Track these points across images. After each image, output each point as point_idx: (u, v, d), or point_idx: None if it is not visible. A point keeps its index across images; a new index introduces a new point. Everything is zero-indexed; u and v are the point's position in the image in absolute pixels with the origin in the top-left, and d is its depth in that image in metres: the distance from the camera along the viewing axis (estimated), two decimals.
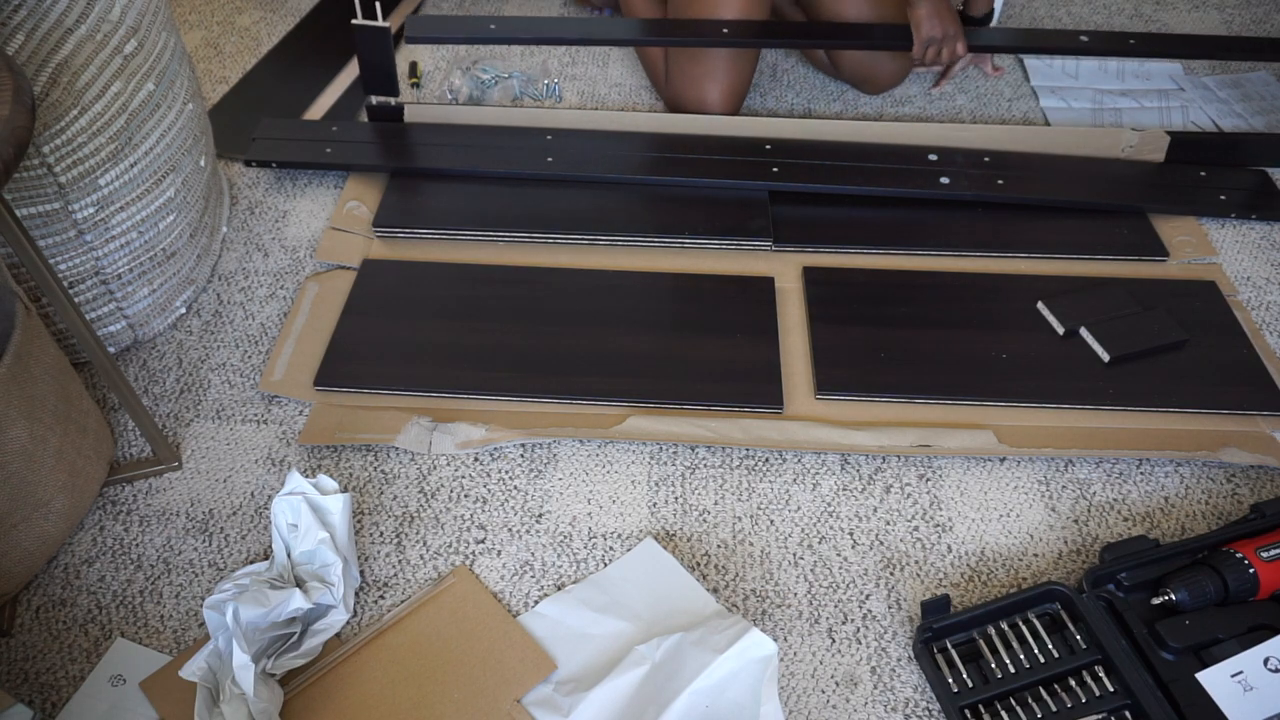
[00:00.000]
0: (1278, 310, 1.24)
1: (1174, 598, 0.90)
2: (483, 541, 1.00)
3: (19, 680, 0.89)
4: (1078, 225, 1.32)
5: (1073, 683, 0.87)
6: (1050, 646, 0.89)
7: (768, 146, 1.42)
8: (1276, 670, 0.85)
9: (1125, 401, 1.10)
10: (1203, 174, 1.41)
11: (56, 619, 0.93)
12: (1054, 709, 0.85)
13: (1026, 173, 1.39)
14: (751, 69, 1.50)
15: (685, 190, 1.38)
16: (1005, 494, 1.04)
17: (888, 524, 1.01)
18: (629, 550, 0.99)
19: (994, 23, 1.80)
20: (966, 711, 0.86)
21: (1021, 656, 0.89)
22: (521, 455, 1.07)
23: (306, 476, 0.93)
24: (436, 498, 1.03)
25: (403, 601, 0.94)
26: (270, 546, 0.97)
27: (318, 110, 1.56)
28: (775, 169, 1.38)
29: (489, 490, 1.04)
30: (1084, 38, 1.44)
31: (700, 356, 1.15)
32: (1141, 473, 1.06)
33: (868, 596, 0.95)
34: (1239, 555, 0.91)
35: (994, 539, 1.00)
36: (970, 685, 0.87)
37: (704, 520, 1.02)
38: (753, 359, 1.15)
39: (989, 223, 1.33)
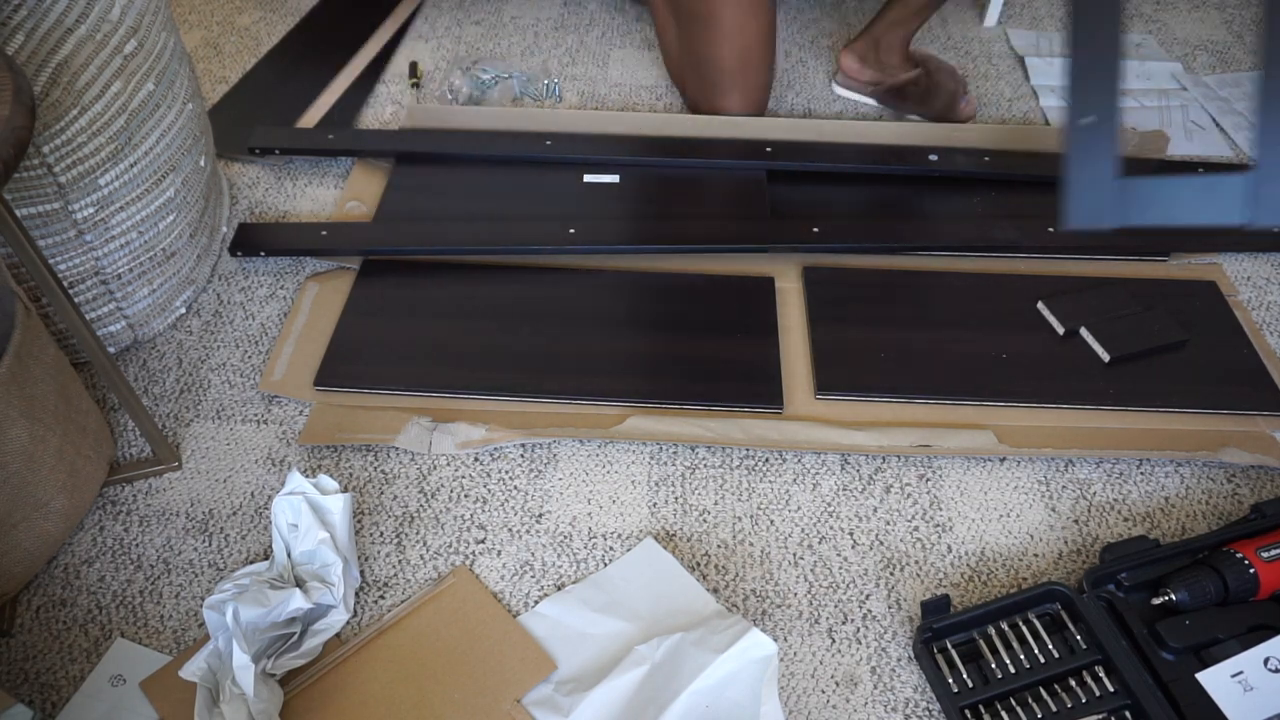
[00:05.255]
0: (1278, 310, 1.24)
1: (1174, 598, 0.90)
2: (483, 541, 1.00)
3: (19, 680, 0.89)
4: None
5: (1073, 683, 0.87)
6: (1050, 647, 0.89)
7: (768, 149, 1.42)
8: (1276, 670, 0.85)
9: (1125, 401, 1.10)
10: (1201, 170, 1.41)
11: (56, 619, 0.93)
12: (1054, 709, 0.85)
13: (1027, 173, 1.39)
14: (768, 71, 1.49)
15: (684, 190, 1.38)
16: (1005, 494, 1.04)
17: (888, 524, 1.01)
18: (629, 550, 0.99)
19: (994, 23, 1.80)
20: (966, 711, 0.86)
21: (1021, 657, 0.89)
22: (521, 455, 1.07)
23: (307, 476, 0.93)
24: (436, 498, 1.03)
25: (403, 601, 0.94)
26: (270, 546, 0.97)
27: (318, 110, 1.56)
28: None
29: (489, 490, 1.04)
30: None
31: (700, 356, 1.15)
32: (1141, 473, 1.06)
33: (868, 596, 0.95)
34: (1239, 555, 0.91)
35: (994, 539, 1.00)
36: (970, 685, 0.87)
37: (704, 520, 1.02)
38: (753, 359, 1.15)
39: (989, 222, 1.33)
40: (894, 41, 1.53)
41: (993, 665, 0.88)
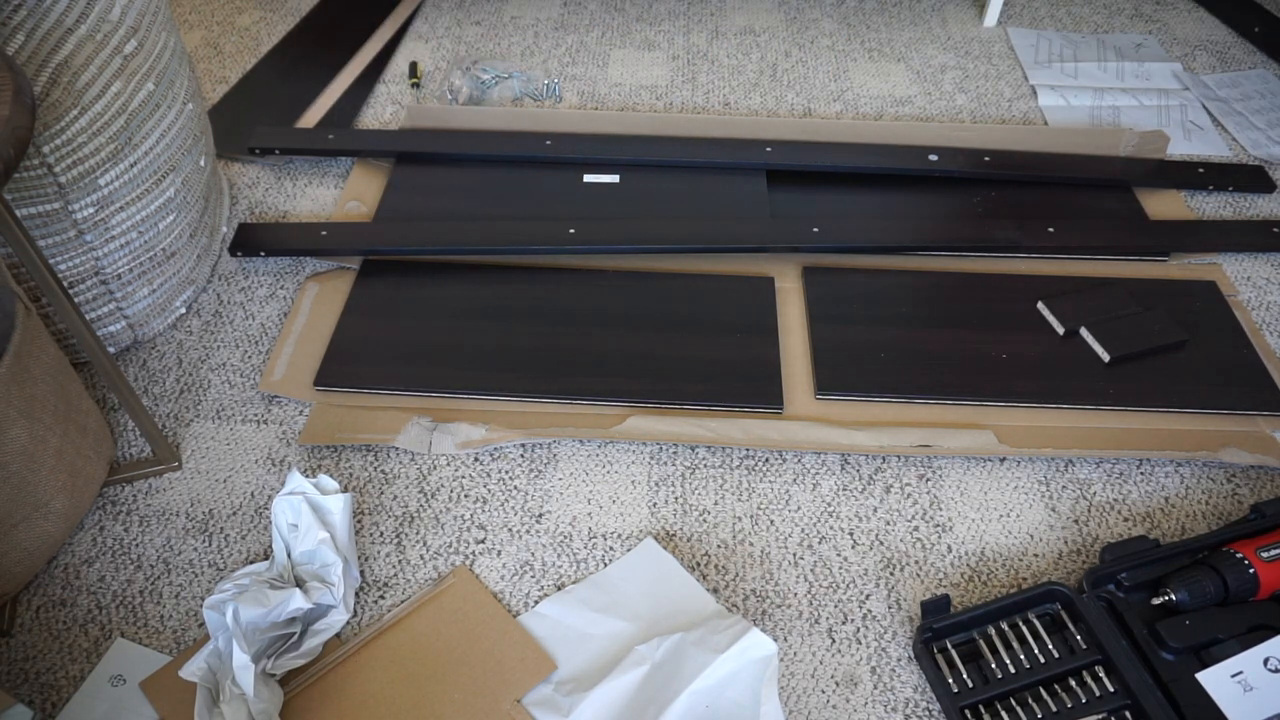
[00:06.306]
0: (1278, 310, 1.24)
1: (1174, 598, 0.90)
2: (483, 541, 1.00)
3: (19, 680, 0.89)
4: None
5: (1073, 683, 0.87)
6: (1050, 647, 0.89)
7: (768, 149, 1.42)
8: (1276, 670, 0.85)
9: (1125, 401, 1.10)
10: (1201, 170, 1.41)
11: (56, 619, 0.93)
12: (1054, 709, 0.85)
13: (1027, 172, 1.39)
14: None
15: (684, 189, 1.38)
16: (1005, 494, 1.04)
17: (888, 524, 1.01)
18: (629, 550, 0.99)
19: (994, 23, 1.80)
20: (966, 711, 0.86)
21: (1021, 657, 0.89)
22: (521, 455, 1.07)
23: (307, 476, 0.93)
24: (436, 498, 1.03)
25: (403, 601, 0.94)
26: (270, 546, 0.97)
27: (318, 110, 1.56)
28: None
29: (489, 490, 1.04)
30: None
31: (700, 356, 1.15)
32: (1141, 473, 1.06)
33: (868, 596, 0.95)
34: (1239, 555, 0.91)
35: (994, 539, 1.00)
36: (970, 685, 0.87)
37: (704, 520, 1.02)
38: (753, 359, 1.15)
39: (989, 222, 1.33)
40: None
41: (993, 665, 0.88)
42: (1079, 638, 0.90)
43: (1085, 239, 1.30)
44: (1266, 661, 0.86)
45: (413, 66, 1.66)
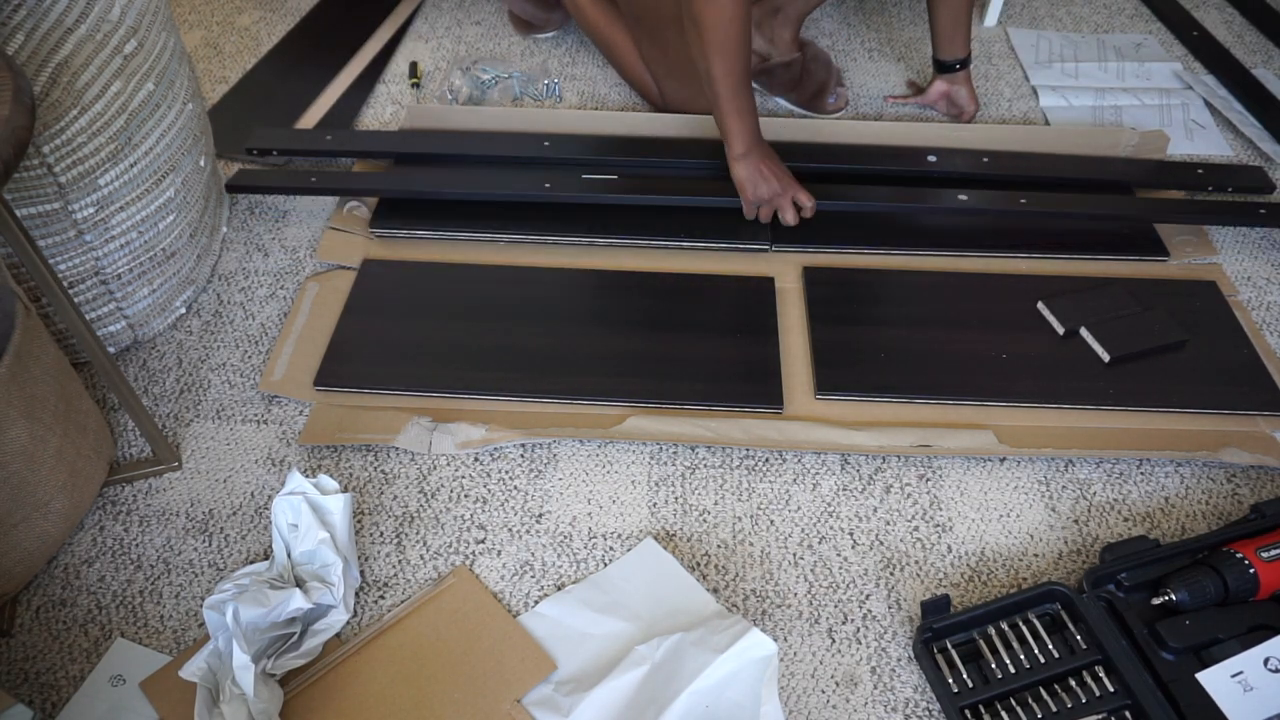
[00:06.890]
0: (1278, 310, 1.24)
1: (1174, 598, 0.90)
2: (483, 541, 1.00)
3: (19, 680, 0.89)
4: (1078, 224, 1.32)
5: (1073, 683, 0.87)
6: (1050, 647, 0.89)
7: None
8: (1276, 670, 0.85)
9: (1125, 401, 1.10)
10: (1200, 171, 1.41)
11: (56, 619, 0.93)
12: (1054, 709, 0.85)
13: (1026, 173, 1.39)
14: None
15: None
16: (1005, 494, 1.04)
17: (888, 524, 1.01)
18: (629, 550, 0.99)
19: (994, 23, 1.80)
20: (966, 711, 0.86)
21: (1022, 657, 0.89)
22: (521, 455, 1.07)
23: (307, 476, 0.93)
24: (436, 498, 1.03)
25: (403, 601, 0.94)
26: (270, 546, 0.97)
27: (318, 110, 1.56)
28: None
29: (489, 490, 1.04)
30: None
31: (700, 356, 1.15)
32: (1141, 473, 1.06)
33: (868, 596, 0.95)
34: (1239, 555, 0.91)
35: (994, 539, 1.00)
36: (970, 685, 0.87)
37: (704, 520, 1.02)
38: (753, 359, 1.15)
39: (989, 222, 1.33)
40: (793, 14, 1.49)
41: (993, 665, 0.88)
42: (1079, 638, 0.90)
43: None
44: (1266, 661, 0.86)
45: (413, 66, 1.66)
